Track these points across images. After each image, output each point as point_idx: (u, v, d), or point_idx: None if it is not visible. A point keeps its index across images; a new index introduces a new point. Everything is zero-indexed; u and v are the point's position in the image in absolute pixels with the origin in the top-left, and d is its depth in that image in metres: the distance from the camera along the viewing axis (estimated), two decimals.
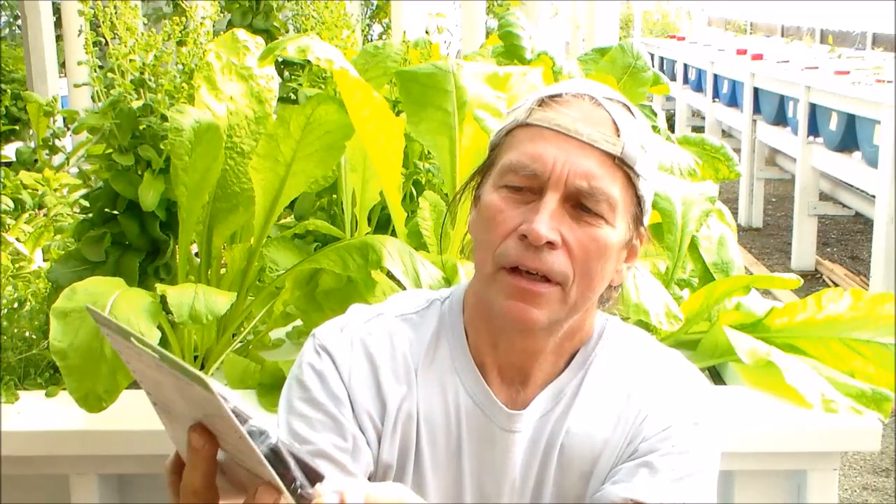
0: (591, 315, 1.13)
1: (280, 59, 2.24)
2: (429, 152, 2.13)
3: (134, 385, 1.56)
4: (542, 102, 1.05)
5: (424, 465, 1.10)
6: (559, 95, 1.05)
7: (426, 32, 4.56)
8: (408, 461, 1.10)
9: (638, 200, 1.07)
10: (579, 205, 1.03)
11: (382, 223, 2.11)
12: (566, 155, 1.02)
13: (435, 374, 1.11)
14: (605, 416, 1.09)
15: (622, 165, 1.03)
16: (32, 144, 2.30)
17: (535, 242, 1.01)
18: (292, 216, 2.17)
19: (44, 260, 2.28)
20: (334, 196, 2.13)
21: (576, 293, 1.04)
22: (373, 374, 1.10)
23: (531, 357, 1.10)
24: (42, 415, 1.61)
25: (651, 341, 1.18)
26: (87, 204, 1.85)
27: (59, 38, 4.68)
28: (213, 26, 2.19)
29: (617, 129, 1.03)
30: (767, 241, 6.89)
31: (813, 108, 5.89)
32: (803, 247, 6.09)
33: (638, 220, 1.08)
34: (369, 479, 1.09)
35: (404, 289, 1.58)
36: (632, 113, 1.07)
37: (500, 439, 1.09)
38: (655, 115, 2.51)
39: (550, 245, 1.01)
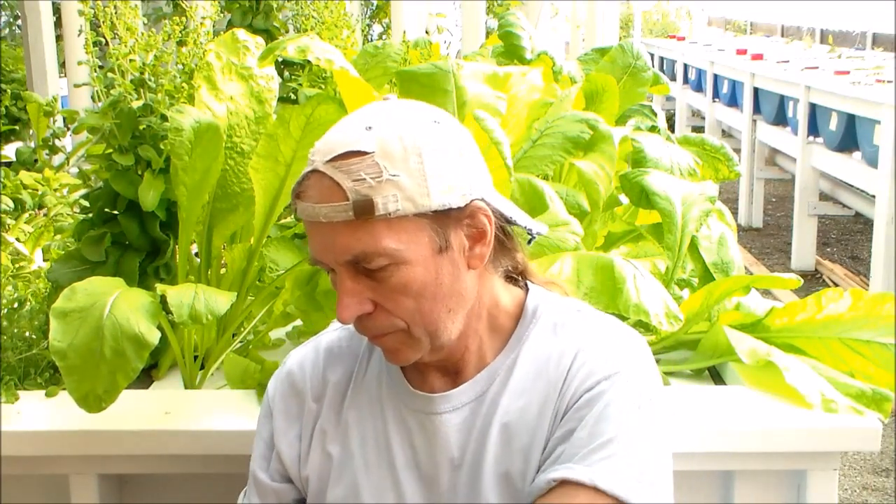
0: (510, 297, 1.16)
1: (280, 59, 2.24)
2: None
3: (134, 385, 1.56)
4: (296, 193, 1.05)
5: (356, 470, 1.15)
6: (301, 181, 1.04)
7: (426, 32, 4.57)
8: (327, 474, 1.17)
9: (425, 215, 1.03)
10: (363, 269, 1.04)
11: None
12: (324, 240, 1.04)
13: (369, 377, 1.19)
14: (537, 388, 1.11)
15: (369, 218, 1.01)
16: (32, 144, 2.30)
17: (347, 325, 1.08)
18: (292, 216, 2.17)
19: (44, 260, 2.28)
20: None
21: (420, 329, 1.08)
22: (297, 402, 1.21)
23: (453, 353, 1.13)
24: (42, 415, 1.61)
25: (581, 309, 1.18)
26: (87, 204, 1.85)
27: (59, 38, 4.68)
28: (213, 26, 2.19)
29: (344, 193, 1.00)
30: (767, 241, 6.90)
31: (813, 108, 5.89)
32: (803, 247, 6.10)
33: (445, 224, 1.04)
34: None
35: None
36: (360, 152, 1.01)
37: (427, 423, 1.14)
38: (655, 114, 2.51)
39: (366, 314, 1.06)
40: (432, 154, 1.02)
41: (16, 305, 1.85)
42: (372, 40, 5.06)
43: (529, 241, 1.20)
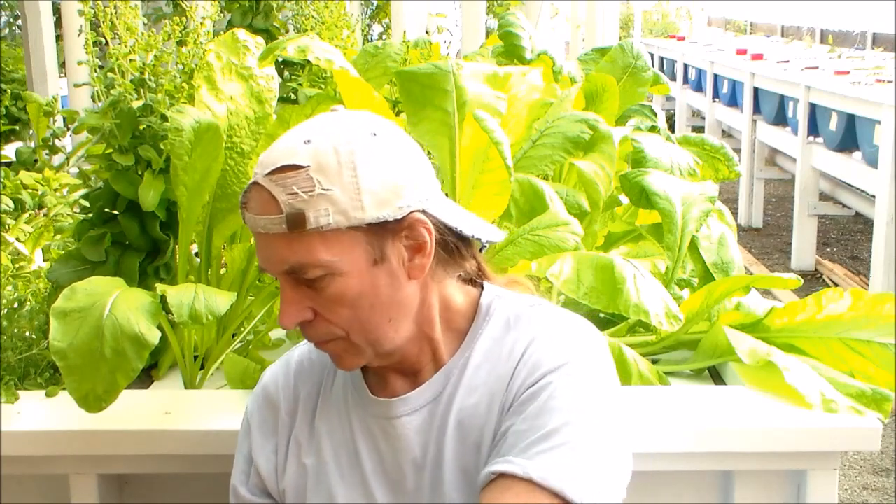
0: (465, 297, 1.17)
1: (280, 59, 2.24)
2: (429, 152, 2.13)
3: (134, 385, 1.56)
4: (242, 204, 1.07)
5: (331, 479, 1.17)
6: (245, 192, 1.07)
7: (426, 32, 4.57)
8: (303, 485, 1.19)
9: (359, 228, 1.04)
10: (302, 278, 1.06)
11: None
12: (264, 250, 1.07)
13: (336, 387, 1.21)
14: (489, 383, 1.12)
15: (302, 231, 1.03)
16: (32, 144, 2.30)
17: (288, 330, 1.09)
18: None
19: (44, 260, 2.28)
20: None
21: (360, 337, 1.09)
22: (272, 416, 1.23)
23: (407, 356, 1.14)
24: (42, 415, 1.61)
25: (535, 303, 1.18)
26: (87, 204, 1.85)
27: (59, 38, 4.68)
28: (213, 26, 2.19)
29: (279, 206, 1.03)
30: (767, 241, 6.90)
31: (813, 108, 5.90)
32: (803, 247, 6.10)
33: (381, 237, 1.06)
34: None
35: None
36: (296, 166, 1.03)
37: (389, 428, 1.15)
38: (655, 115, 2.51)
39: (307, 321, 1.08)
40: (367, 167, 1.04)
41: (16, 305, 1.85)
42: (372, 40, 5.06)
43: (481, 250, 1.21)
